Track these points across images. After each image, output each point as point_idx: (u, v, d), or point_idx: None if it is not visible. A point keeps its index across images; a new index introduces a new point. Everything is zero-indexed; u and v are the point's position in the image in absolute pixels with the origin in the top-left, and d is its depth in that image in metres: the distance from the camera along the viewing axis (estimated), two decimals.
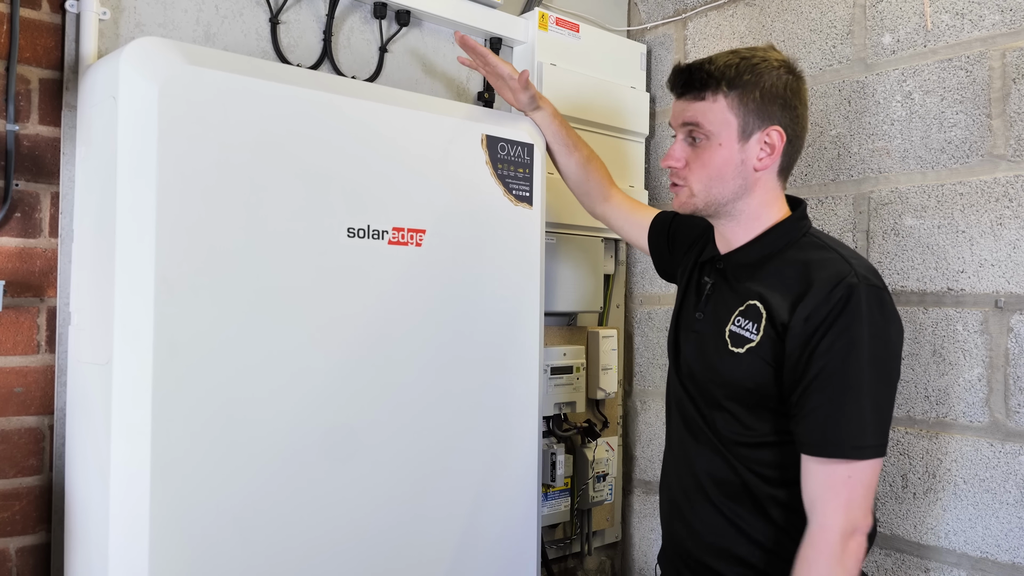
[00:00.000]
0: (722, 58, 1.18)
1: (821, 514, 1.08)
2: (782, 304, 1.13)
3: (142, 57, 1.12)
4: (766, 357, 1.14)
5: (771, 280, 1.17)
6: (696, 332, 1.25)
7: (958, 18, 1.57)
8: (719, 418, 1.20)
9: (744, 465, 1.18)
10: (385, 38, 1.69)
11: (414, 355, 1.40)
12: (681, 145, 1.23)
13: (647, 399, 2.15)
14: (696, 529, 1.23)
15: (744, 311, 1.18)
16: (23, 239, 1.26)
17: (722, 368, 1.18)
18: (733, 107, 1.16)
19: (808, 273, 1.13)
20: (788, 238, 1.20)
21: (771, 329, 1.13)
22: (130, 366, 1.10)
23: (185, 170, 1.14)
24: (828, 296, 1.08)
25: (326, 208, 1.28)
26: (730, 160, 1.18)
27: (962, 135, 1.55)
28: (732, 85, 1.16)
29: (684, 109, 1.21)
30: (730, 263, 1.24)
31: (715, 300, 1.24)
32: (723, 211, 1.22)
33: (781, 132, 1.18)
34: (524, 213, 1.58)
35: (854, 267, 1.11)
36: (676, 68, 1.22)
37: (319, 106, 1.28)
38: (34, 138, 1.28)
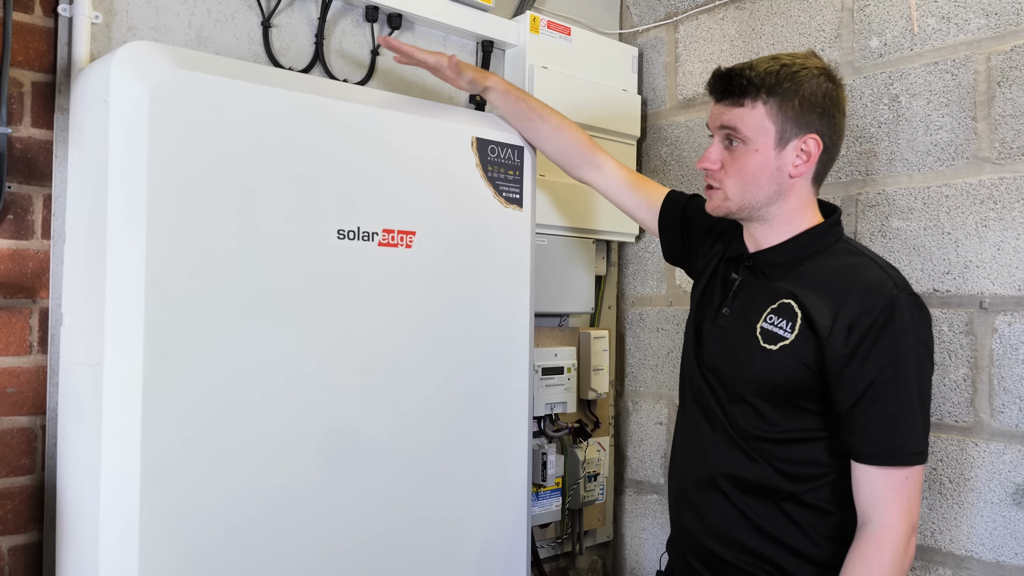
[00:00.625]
0: (763, 64, 1.19)
1: (885, 515, 1.11)
2: (821, 308, 1.15)
3: (133, 61, 1.14)
4: (801, 357, 1.16)
5: (805, 282, 1.19)
6: (721, 327, 1.27)
7: (944, 22, 1.58)
8: (740, 412, 1.22)
9: (763, 460, 1.20)
10: (376, 41, 1.70)
11: (404, 356, 1.41)
12: (717, 148, 1.24)
13: (639, 399, 2.16)
14: (707, 519, 1.26)
15: (777, 309, 1.20)
16: (16, 241, 1.28)
17: (751, 364, 1.20)
18: (772, 114, 1.18)
19: (845, 279, 1.16)
20: (822, 243, 1.22)
21: (807, 330, 1.16)
22: (121, 367, 1.12)
23: (176, 173, 1.15)
24: (871, 306, 1.12)
25: (316, 210, 1.30)
26: (766, 166, 1.19)
27: (948, 138, 1.57)
28: (772, 92, 1.17)
29: (722, 113, 1.22)
30: (760, 261, 1.26)
31: (743, 297, 1.26)
32: (756, 215, 1.24)
33: (818, 140, 1.19)
34: (514, 215, 1.60)
35: (891, 276, 1.15)
36: (717, 72, 1.22)
37: (310, 109, 1.29)
38: (27, 141, 1.29)
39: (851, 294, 1.14)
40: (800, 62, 1.20)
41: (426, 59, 1.49)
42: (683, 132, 2.08)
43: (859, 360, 1.12)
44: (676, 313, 2.07)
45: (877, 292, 1.13)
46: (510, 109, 1.55)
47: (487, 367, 1.54)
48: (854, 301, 1.13)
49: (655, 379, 2.12)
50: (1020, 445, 1.45)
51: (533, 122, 1.55)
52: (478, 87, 1.52)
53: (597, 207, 1.99)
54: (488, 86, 1.53)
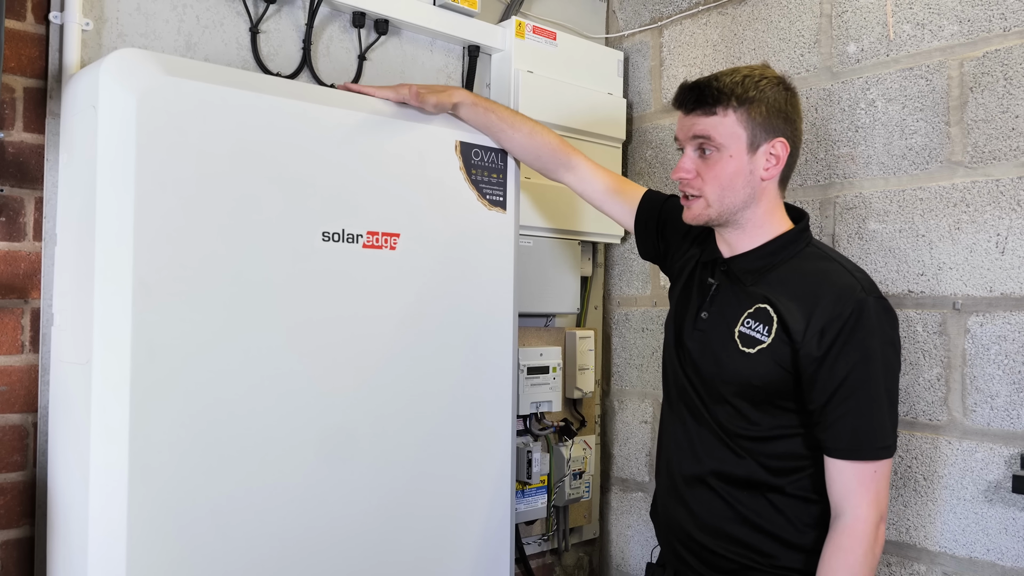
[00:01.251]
0: (727, 76, 1.25)
1: (855, 507, 1.18)
2: (794, 312, 1.21)
3: (121, 68, 1.17)
4: (778, 359, 1.22)
5: (779, 286, 1.25)
6: (701, 331, 1.32)
7: (919, 28, 1.62)
8: (723, 412, 1.28)
9: (748, 456, 1.26)
10: (364, 46, 1.73)
11: (389, 357, 1.44)
12: (691, 158, 1.28)
13: (624, 399, 2.19)
14: (697, 514, 1.31)
15: (753, 313, 1.25)
16: (8, 242, 1.31)
17: (731, 367, 1.26)
18: (742, 121, 1.24)
19: (817, 284, 1.22)
20: (793, 248, 1.28)
21: (783, 333, 1.21)
22: (109, 367, 1.15)
23: (163, 177, 1.18)
24: (842, 309, 1.18)
25: (302, 213, 1.33)
26: (740, 170, 1.25)
27: (922, 142, 1.60)
28: (741, 100, 1.23)
29: (694, 123, 1.26)
30: (735, 266, 1.31)
31: (720, 301, 1.31)
32: (732, 220, 1.29)
33: (785, 143, 1.26)
34: (498, 217, 1.63)
35: (859, 280, 1.22)
36: (684, 85, 1.28)
37: (295, 114, 1.32)
38: (19, 145, 1.32)
39: (822, 299, 1.20)
40: (760, 72, 1.27)
41: (388, 95, 1.49)
42: (668, 135, 2.11)
43: (831, 361, 1.18)
44: (661, 313, 2.10)
45: (847, 296, 1.19)
46: (480, 121, 1.57)
47: (471, 367, 1.58)
48: (825, 305, 1.19)
49: (640, 378, 2.15)
50: (991, 443, 1.49)
51: (504, 132, 1.57)
52: (445, 107, 1.52)
53: (582, 209, 2.02)
54: (456, 102, 1.53)
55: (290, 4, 1.62)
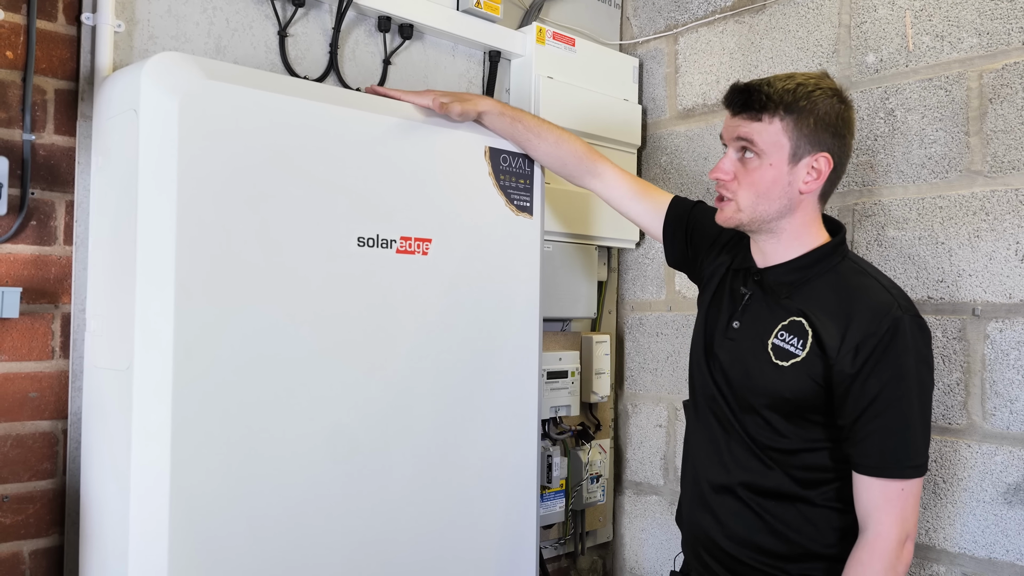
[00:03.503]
0: (780, 82, 1.22)
1: (878, 523, 1.17)
2: (829, 327, 1.20)
3: (162, 71, 1.16)
4: (812, 374, 1.21)
5: (814, 300, 1.24)
6: (732, 340, 1.31)
7: (938, 40, 1.65)
8: (752, 422, 1.27)
9: (778, 467, 1.25)
10: (389, 51, 1.73)
11: (420, 360, 1.44)
12: (731, 160, 1.26)
13: (638, 402, 2.20)
14: (725, 522, 1.30)
15: (788, 326, 1.25)
16: (39, 247, 1.29)
17: (764, 379, 1.25)
18: (788, 130, 1.21)
19: (852, 299, 1.21)
20: (829, 262, 1.26)
21: (818, 348, 1.21)
22: (150, 371, 1.14)
23: (204, 181, 1.17)
24: (877, 327, 1.17)
25: (337, 217, 1.32)
26: (778, 180, 1.23)
27: (941, 151, 1.63)
28: (789, 110, 1.20)
29: (739, 126, 1.24)
30: (769, 277, 1.30)
31: (753, 311, 1.30)
32: (765, 227, 1.27)
33: (829, 159, 1.23)
34: (524, 222, 1.63)
35: (895, 297, 1.21)
36: (736, 86, 1.26)
37: (331, 119, 1.32)
38: (50, 147, 1.30)
39: (858, 315, 1.19)
40: (815, 82, 1.24)
41: (413, 100, 1.49)
42: (683, 142, 2.13)
43: (864, 377, 1.17)
44: (676, 318, 2.11)
45: (883, 313, 1.18)
46: (507, 131, 1.57)
47: (499, 371, 1.58)
48: (860, 322, 1.18)
49: (655, 383, 2.16)
50: (1011, 446, 1.51)
51: (531, 141, 1.58)
52: (470, 116, 1.53)
53: (598, 214, 2.03)
54: (482, 111, 1.54)
55: (317, 8, 1.62)
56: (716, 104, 2.06)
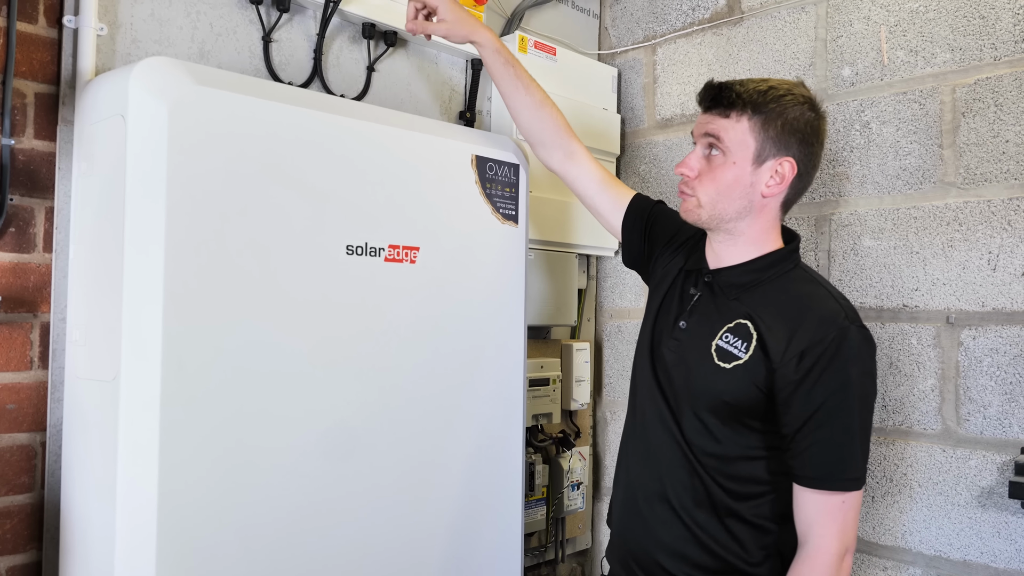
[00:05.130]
0: (752, 83, 1.24)
1: (818, 537, 1.16)
2: (776, 332, 1.19)
3: (152, 77, 1.14)
4: (752, 377, 1.20)
5: (762, 305, 1.23)
6: (677, 340, 1.29)
7: (912, 55, 1.69)
8: (690, 426, 1.25)
9: (709, 476, 1.24)
10: (373, 58, 1.72)
11: (407, 369, 1.43)
12: (697, 156, 1.27)
13: (616, 409, 2.22)
14: (653, 529, 1.28)
15: (733, 328, 1.24)
16: (17, 254, 1.25)
17: (704, 380, 1.24)
18: (754, 131, 1.22)
19: (801, 307, 1.20)
20: (780, 267, 1.26)
21: (761, 352, 1.20)
22: (137, 382, 1.11)
23: (192, 189, 1.15)
24: (823, 335, 1.16)
25: (326, 225, 1.31)
26: (740, 180, 1.23)
27: (916, 163, 1.68)
28: (757, 110, 1.21)
29: (708, 122, 1.25)
30: (719, 279, 1.29)
31: (700, 312, 1.29)
32: (723, 227, 1.27)
33: (793, 164, 1.23)
34: (510, 231, 1.64)
35: (843, 307, 1.21)
36: (708, 84, 1.27)
37: (320, 126, 1.31)
38: (29, 152, 1.27)
39: (805, 322, 1.18)
40: (788, 87, 1.25)
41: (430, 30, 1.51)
42: (662, 151, 2.16)
43: (807, 386, 1.16)
44: None
45: (830, 322, 1.17)
46: (498, 71, 1.52)
47: (485, 379, 1.58)
48: (807, 328, 1.17)
49: None
50: (984, 451, 1.56)
51: (518, 90, 1.52)
52: (456, 38, 1.51)
53: (578, 222, 2.04)
54: (476, 40, 1.50)
55: (302, 14, 1.61)
56: (694, 114, 2.09)
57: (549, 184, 1.92)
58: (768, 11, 1.94)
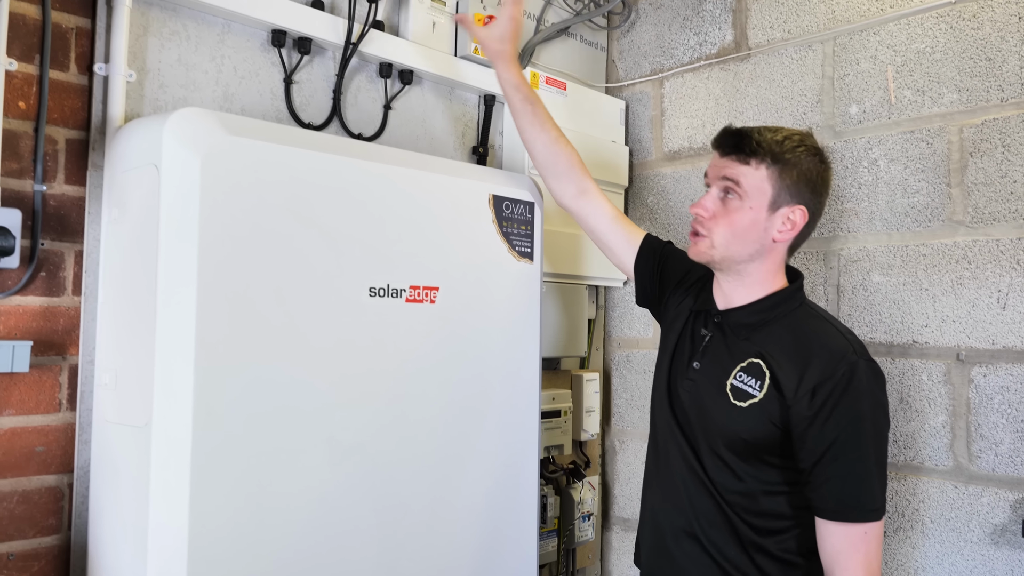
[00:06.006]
0: (770, 132, 1.29)
1: (844, 569, 1.20)
2: (787, 369, 1.24)
3: (184, 128, 1.16)
4: (768, 415, 1.24)
5: (772, 343, 1.28)
6: (692, 380, 1.34)
7: (919, 95, 1.73)
8: (712, 465, 1.29)
9: (735, 512, 1.27)
10: (389, 96, 1.75)
11: (427, 405, 1.45)
12: (713, 198, 1.30)
13: (625, 439, 2.23)
14: (682, 567, 1.31)
15: (746, 368, 1.28)
16: (47, 298, 1.27)
17: (722, 419, 1.28)
18: (772, 179, 1.27)
19: (810, 343, 1.25)
20: (787, 306, 1.31)
21: (774, 390, 1.24)
22: (169, 428, 1.13)
23: (223, 235, 1.18)
24: (833, 371, 1.20)
25: (350, 268, 1.33)
26: (755, 225, 1.27)
27: (924, 201, 1.71)
28: (775, 160, 1.26)
29: (726, 166, 1.29)
30: (728, 320, 1.34)
31: (712, 353, 1.33)
32: (734, 268, 1.32)
33: (805, 212, 1.29)
34: (525, 268, 1.66)
35: (850, 342, 1.25)
36: (728, 129, 1.31)
37: (343, 170, 1.33)
38: (60, 197, 1.29)
39: (815, 358, 1.22)
40: (800, 138, 1.30)
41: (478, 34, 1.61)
42: (669, 183, 2.19)
43: (821, 421, 1.20)
44: None
45: (839, 357, 1.21)
46: (517, 105, 1.57)
47: (501, 412, 1.60)
48: (818, 365, 1.22)
49: (642, 420, 2.20)
50: (996, 488, 1.58)
51: (535, 126, 1.57)
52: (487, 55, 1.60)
53: (588, 254, 2.07)
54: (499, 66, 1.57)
55: (321, 55, 1.63)
56: (702, 147, 2.12)
57: (559, 217, 1.94)
58: (775, 48, 1.98)
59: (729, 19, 2.08)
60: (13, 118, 1.24)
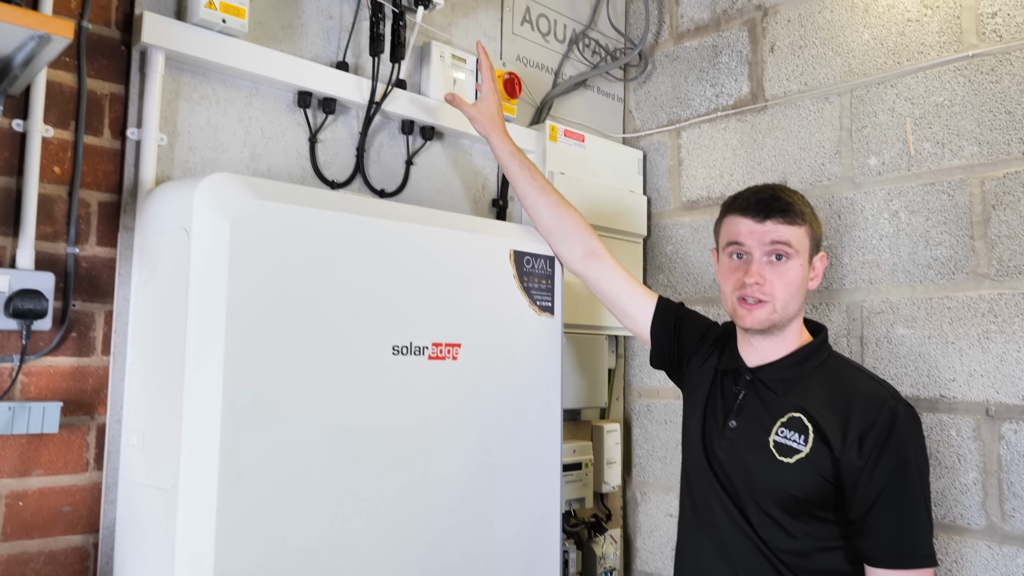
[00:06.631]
0: (789, 191, 1.35)
1: None
2: (829, 421, 1.25)
3: (214, 193, 1.18)
4: (820, 469, 1.25)
5: (810, 396, 1.29)
6: (729, 440, 1.34)
7: (939, 147, 1.73)
8: (761, 523, 1.29)
9: (790, 571, 1.26)
10: (411, 152, 1.78)
11: (450, 461, 1.45)
12: (762, 264, 1.31)
13: (647, 490, 2.21)
14: None
15: (787, 423, 1.29)
16: (77, 358, 1.29)
17: (769, 477, 1.28)
18: (808, 234, 1.34)
19: (847, 392, 1.28)
20: (818, 358, 1.34)
21: (820, 443, 1.25)
22: (197, 491, 1.13)
23: (250, 297, 1.19)
24: (876, 417, 1.23)
25: (373, 327, 1.34)
26: (804, 279, 1.33)
27: (947, 253, 1.70)
28: (804, 217, 1.33)
29: (773, 230, 1.31)
30: (762, 376, 1.35)
31: (748, 410, 1.34)
32: (783, 326, 1.33)
33: (824, 257, 1.38)
34: (546, 322, 1.66)
35: (886, 388, 1.28)
36: (762, 195, 1.33)
37: (366, 230, 1.35)
38: (91, 259, 1.32)
39: (855, 406, 1.25)
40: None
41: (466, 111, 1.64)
42: (688, 232, 2.19)
43: (870, 469, 1.22)
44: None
45: (879, 404, 1.25)
46: (513, 171, 1.59)
47: (523, 467, 1.59)
48: (860, 413, 1.25)
49: (664, 471, 2.17)
50: None
51: (533, 189, 1.58)
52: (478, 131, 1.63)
53: None
54: (492, 139, 1.61)
55: (345, 114, 1.67)
56: (720, 197, 2.13)
57: None
58: (792, 100, 1.99)
59: (745, 71, 2.10)
60: (48, 183, 1.28)
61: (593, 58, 2.26)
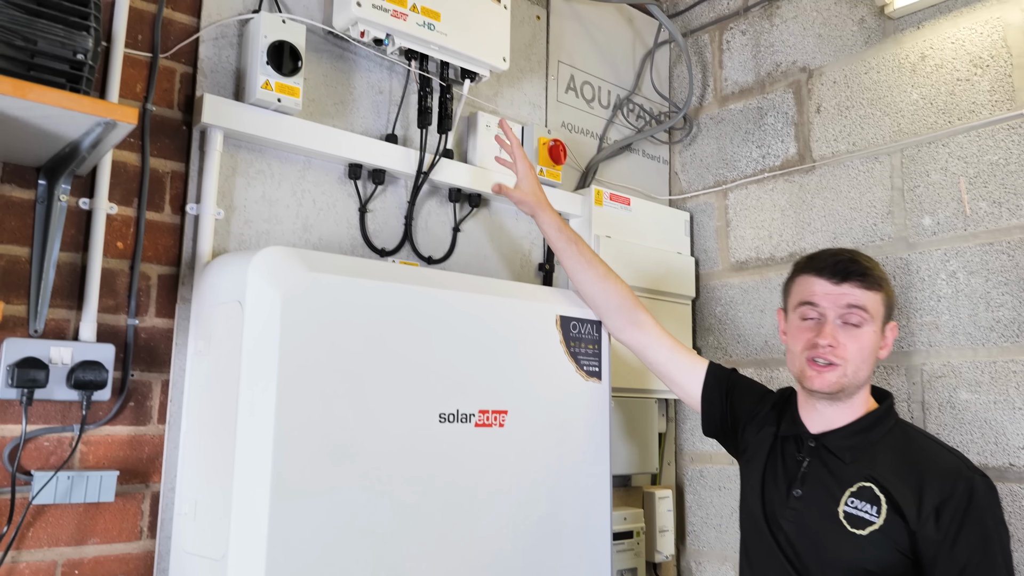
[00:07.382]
0: (866, 257, 1.34)
1: None
2: (903, 491, 1.21)
3: (269, 266, 1.22)
4: (895, 542, 1.20)
5: (880, 465, 1.26)
6: (794, 509, 1.30)
7: (996, 206, 1.69)
8: None
9: None
10: (458, 219, 1.81)
11: (497, 529, 1.42)
12: (836, 327, 1.30)
13: (702, 559, 2.14)
14: None
15: (857, 492, 1.25)
16: (134, 427, 1.32)
17: (840, 549, 1.24)
18: (883, 301, 1.33)
19: (919, 462, 1.24)
20: (885, 425, 1.31)
21: (894, 514, 1.21)
22: (245, 563, 1.13)
23: (300, 368, 1.21)
24: (953, 489, 1.19)
25: (421, 395, 1.35)
26: (876, 345, 1.32)
27: (1010, 315, 1.64)
28: (881, 284, 1.33)
29: (847, 294, 1.30)
30: (827, 443, 1.31)
31: (813, 479, 1.30)
32: (852, 392, 1.31)
33: (895, 327, 1.36)
34: (594, 387, 1.65)
35: (960, 458, 1.24)
36: (841, 259, 1.33)
37: (414, 300, 1.37)
38: (150, 330, 1.36)
39: (929, 477, 1.21)
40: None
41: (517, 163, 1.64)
42: (737, 293, 2.17)
43: (949, 543, 1.18)
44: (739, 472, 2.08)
45: (955, 475, 1.21)
46: (561, 247, 1.60)
47: (571, 535, 1.55)
48: (934, 484, 1.20)
49: (719, 539, 2.10)
50: None
51: (581, 264, 1.59)
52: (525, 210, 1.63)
53: None
54: (540, 218, 1.60)
55: (394, 184, 1.71)
56: (770, 258, 2.10)
57: None
58: (840, 160, 1.98)
59: (791, 132, 2.10)
60: (112, 257, 1.33)
61: (637, 122, 2.29)
